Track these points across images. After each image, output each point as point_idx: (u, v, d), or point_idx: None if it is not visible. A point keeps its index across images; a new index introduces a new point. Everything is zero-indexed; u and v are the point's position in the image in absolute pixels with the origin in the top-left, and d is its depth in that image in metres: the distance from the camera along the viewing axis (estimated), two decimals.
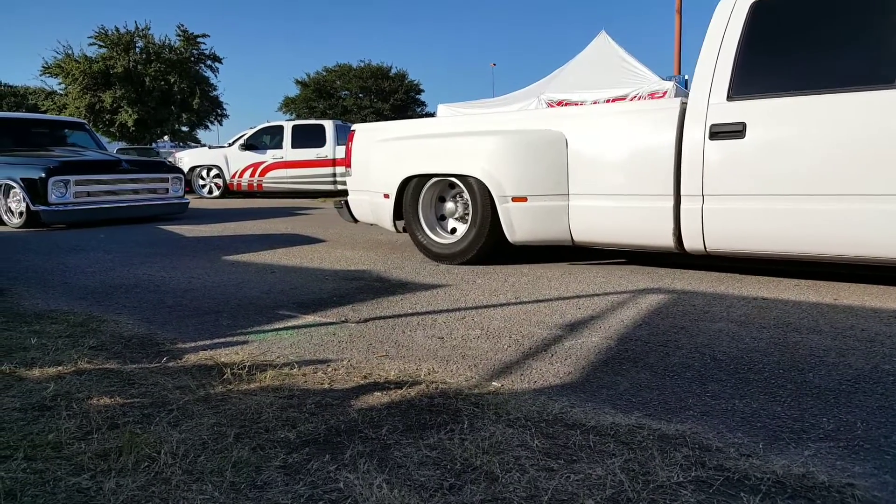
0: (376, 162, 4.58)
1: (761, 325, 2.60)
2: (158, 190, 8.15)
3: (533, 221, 3.84)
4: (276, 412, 1.76)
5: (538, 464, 1.45)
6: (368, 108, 36.04)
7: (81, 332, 2.63)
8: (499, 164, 3.86)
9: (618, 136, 3.61)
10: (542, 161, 3.77)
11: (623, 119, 3.64)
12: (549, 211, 3.80)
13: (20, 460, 1.48)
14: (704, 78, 3.32)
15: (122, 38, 27.04)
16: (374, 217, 4.77)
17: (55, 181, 7.03)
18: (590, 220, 3.72)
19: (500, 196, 3.86)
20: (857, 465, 1.43)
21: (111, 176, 7.66)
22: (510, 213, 3.86)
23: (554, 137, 3.77)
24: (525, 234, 3.89)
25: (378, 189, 4.57)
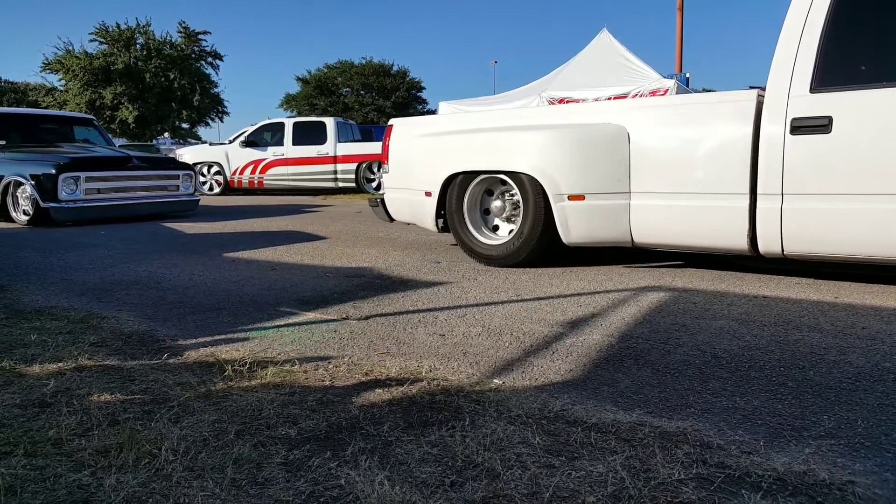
0: (417, 158, 4.38)
1: (762, 323, 2.60)
2: (169, 187, 8.06)
3: (590, 221, 3.61)
4: (278, 409, 1.76)
5: (539, 461, 1.45)
6: (370, 106, 36.02)
7: (82, 328, 2.63)
8: (554, 160, 3.64)
9: (686, 130, 3.39)
10: (602, 157, 3.55)
11: (692, 112, 3.43)
12: (608, 210, 3.57)
13: (20, 457, 1.48)
14: (783, 68, 3.09)
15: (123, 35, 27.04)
16: (412, 216, 4.56)
17: (65, 178, 6.93)
18: (653, 220, 3.49)
19: (555, 194, 3.63)
20: (858, 463, 1.43)
21: (122, 173, 7.57)
22: (566, 213, 3.63)
23: (614, 131, 3.54)
24: (581, 235, 3.67)
25: (419, 187, 4.35)
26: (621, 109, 3.69)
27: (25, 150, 7.64)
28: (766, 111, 3.14)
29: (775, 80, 3.13)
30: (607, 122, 3.61)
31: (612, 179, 3.54)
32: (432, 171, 4.21)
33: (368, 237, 5.67)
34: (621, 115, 3.60)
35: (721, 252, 3.47)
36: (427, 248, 4.92)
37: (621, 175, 3.52)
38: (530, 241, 3.81)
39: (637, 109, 3.64)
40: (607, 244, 3.70)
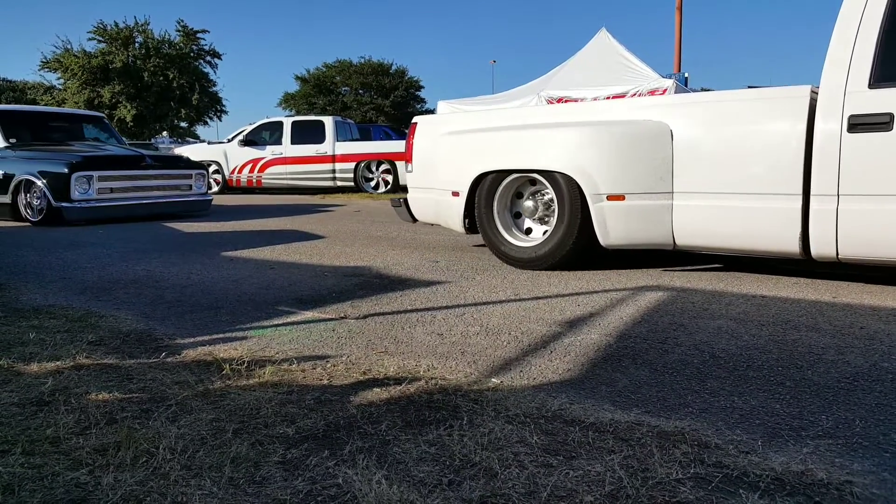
0: (444, 157, 4.23)
1: (760, 323, 2.60)
2: (181, 187, 7.96)
3: (630, 222, 3.46)
4: (275, 408, 1.76)
5: (537, 460, 1.45)
6: (368, 105, 35.97)
7: (80, 327, 2.63)
8: (593, 158, 3.50)
9: (733, 128, 3.25)
10: (644, 155, 3.40)
11: (740, 108, 3.29)
12: (649, 211, 3.42)
13: (18, 455, 1.47)
14: (839, 63, 2.97)
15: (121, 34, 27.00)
16: (438, 217, 4.44)
17: (78, 177, 6.81)
18: (697, 221, 3.35)
19: (593, 194, 3.49)
20: (856, 463, 1.43)
21: (135, 172, 7.47)
22: (604, 213, 3.49)
23: (657, 129, 3.39)
24: (620, 237, 3.52)
25: (445, 186, 4.22)
26: (664, 106, 3.54)
27: (36, 149, 7.51)
28: (820, 108, 3.01)
29: (830, 75, 3.00)
30: (648, 119, 3.46)
31: (655, 179, 3.39)
32: (460, 171, 4.08)
33: (367, 236, 5.67)
34: (664, 111, 3.45)
35: (769, 255, 3.35)
36: (425, 248, 4.92)
37: (664, 174, 3.38)
38: (565, 243, 3.68)
39: (681, 106, 3.49)
40: (647, 246, 3.57)
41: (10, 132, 7.65)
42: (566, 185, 3.61)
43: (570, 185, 3.59)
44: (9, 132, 7.64)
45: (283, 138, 12.48)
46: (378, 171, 12.39)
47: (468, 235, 4.29)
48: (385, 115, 35.45)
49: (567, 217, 3.63)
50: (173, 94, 27.91)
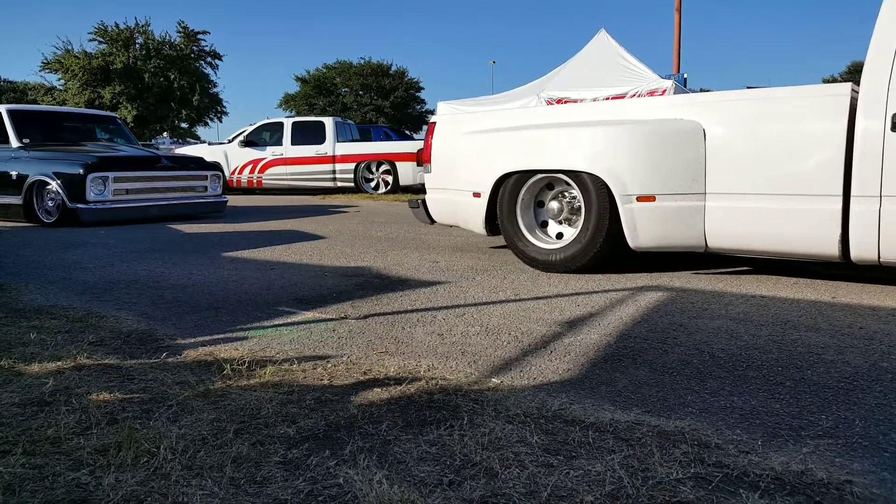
0: (465, 157, 4.14)
1: (760, 323, 2.60)
2: (197, 188, 7.83)
3: (661, 224, 3.37)
4: (276, 408, 1.76)
5: (537, 460, 1.45)
6: (368, 106, 35.98)
7: (81, 327, 2.63)
8: (623, 158, 3.41)
9: (769, 127, 3.14)
10: (675, 155, 3.31)
11: (777, 107, 3.19)
12: (680, 212, 3.33)
13: (19, 455, 1.48)
14: (882, 59, 2.89)
15: (122, 34, 27.00)
16: (456, 218, 4.35)
17: (94, 178, 6.70)
18: (730, 223, 3.25)
19: (622, 195, 3.40)
20: (856, 462, 1.43)
21: (150, 173, 7.36)
22: (634, 215, 3.40)
23: (689, 128, 3.29)
24: (650, 239, 3.43)
25: (466, 187, 4.13)
26: (696, 104, 3.44)
27: (50, 149, 7.38)
28: (861, 106, 2.92)
29: (872, 72, 2.91)
30: (679, 118, 3.37)
31: (687, 179, 3.29)
32: (482, 171, 3.99)
33: (367, 237, 5.67)
34: (695, 110, 3.35)
35: (806, 258, 3.25)
36: (426, 249, 4.92)
37: (696, 175, 3.28)
38: (593, 245, 3.58)
39: (714, 104, 3.38)
40: (678, 249, 3.48)
41: (22, 132, 7.53)
42: (594, 185, 3.53)
43: (599, 185, 3.51)
44: (21, 132, 7.52)
45: (283, 139, 12.49)
46: (378, 172, 12.40)
47: (488, 237, 4.21)
48: (385, 116, 35.45)
49: (595, 219, 3.55)
50: (174, 95, 27.92)
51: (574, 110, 4.07)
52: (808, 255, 3.19)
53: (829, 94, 3.04)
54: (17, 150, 7.30)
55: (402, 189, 12.22)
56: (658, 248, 3.49)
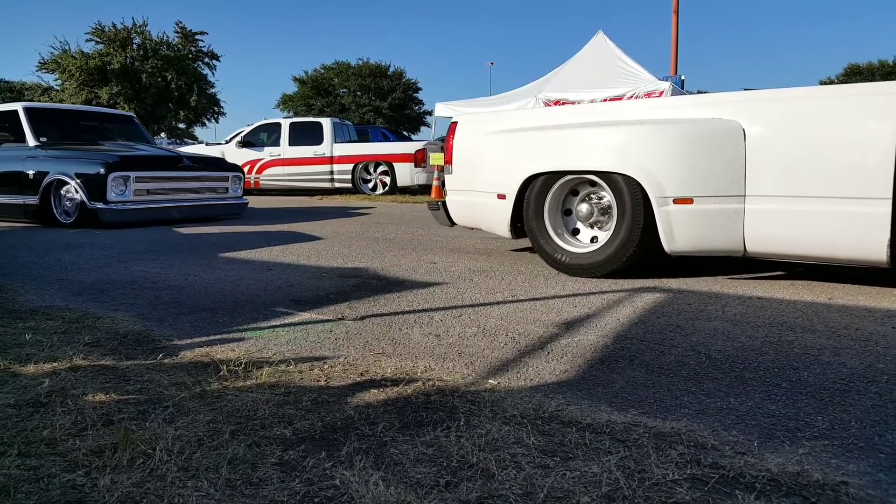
0: (488, 158, 4.04)
1: (756, 324, 2.61)
2: (218, 189, 7.64)
3: (698, 227, 3.25)
4: (273, 409, 1.76)
5: (534, 461, 1.45)
6: (366, 107, 35.98)
7: (77, 328, 2.63)
8: (659, 159, 3.29)
9: (814, 127, 3.03)
10: (714, 156, 3.19)
11: (822, 106, 3.07)
12: (719, 215, 3.21)
13: (14, 456, 1.47)
14: None
15: (120, 35, 26.95)
16: (479, 221, 4.26)
17: (115, 177, 6.50)
18: (771, 227, 3.13)
19: (658, 197, 3.29)
20: (852, 464, 1.43)
21: (172, 173, 7.16)
22: (670, 218, 3.29)
23: (728, 128, 3.18)
24: (687, 244, 3.31)
25: (490, 189, 4.03)
26: (735, 103, 3.30)
27: (68, 148, 7.18)
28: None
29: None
30: (719, 118, 3.25)
31: (725, 181, 3.18)
32: (508, 172, 3.88)
33: (365, 237, 5.67)
34: (734, 109, 3.23)
35: (851, 264, 3.13)
36: (423, 250, 4.92)
37: (735, 176, 3.16)
38: (626, 249, 3.46)
39: (754, 103, 3.25)
40: (715, 253, 3.37)
41: (39, 131, 7.31)
42: (628, 187, 3.42)
43: (633, 187, 3.40)
44: (38, 131, 7.30)
45: (281, 140, 12.49)
46: (376, 173, 12.40)
47: (513, 239, 4.10)
48: (383, 117, 35.45)
49: (628, 221, 3.43)
50: (171, 96, 27.88)
51: (605, 109, 3.91)
52: (853, 260, 3.06)
53: (878, 93, 2.93)
54: (33, 148, 7.13)
55: (399, 190, 12.23)
56: (695, 252, 3.37)
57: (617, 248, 3.49)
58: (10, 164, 7.11)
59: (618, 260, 3.50)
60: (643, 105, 3.68)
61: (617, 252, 3.50)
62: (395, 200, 11.04)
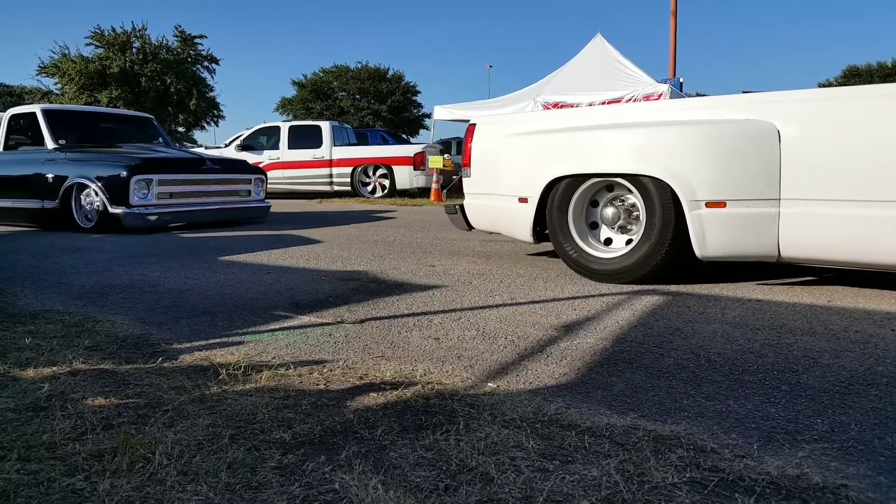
0: (509, 160, 3.95)
1: (755, 327, 2.61)
2: (241, 192, 7.47)
3: (731, 232, 3.16)
4: (272, 413, 1.76)
5: (534, 465, 1.45)
6: (365, 110, 36.01)
7: (76, 332, 2.62)
8: (691, 161, 3.20)
9: (851, 128, 2.94)
10: (747, 158, 3.10)
11: (860, 106, 2.97)
12: (753, 219, 3.11)
13: (14, 461, 1.47)
14: None
15: (119, 39, 26.99)
16: (499, 225, 4.18)
17: (138, 180, 6.32)
18: (808, 231, 3.03)
19: (689, 200, 3.20)
20: (851, 467, 1.43)
21: (195, 176, 6.96)
22: (702, 222, 3.20)
23: (762, 129, 3.08)
24: (719, 248, 3.22)
25: (511, 192, 3.95)
26: (769, 103, 3.19)
27: (88, 151, 7.00)
28: None
29: None
30: (752, 119, 3.15)
31: (760, 184, 3.08)
32: (530, 175, 3.80)
33: (363, 241, 5.67)
34: (768, 109, 3.13)
35: (892, 269, 3.05)
36: (422, 252, 4.92)
37: (770, 179, 3.06)
38: (655, 254, 3.37)
39: (789, 103, 3.14)
40: (748, 259, 3.27)
41: (58, 133, 7.14)
42: (657, 190, 3.33)
43: (663, 190, 3.31)
44: (57, 133, 7.13)
45: (280, 143, 12.50)
46: (375, 176, 12.41)
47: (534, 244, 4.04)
48: (382, 120, 35.48)
49: (658, 226, 3.34)
50: (171, 99, 27.90)
51: (632, 110, 3.82)
52: (894, 266, 2.97)
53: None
54: (52, 151, 6.96)
55: (398, 193, 12.23)
56: (727, 257, 3.27)
57: (646, 253, 3.40)
58: (28, 168, 6.96)
59: (647, 265, 3.41)
60: (673, 106, 3.57)
61: (646, 257, 3.40)
62: (394, 203, 11.05)
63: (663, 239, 3.34)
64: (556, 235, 3.79)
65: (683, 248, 3.32)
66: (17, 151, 7.30)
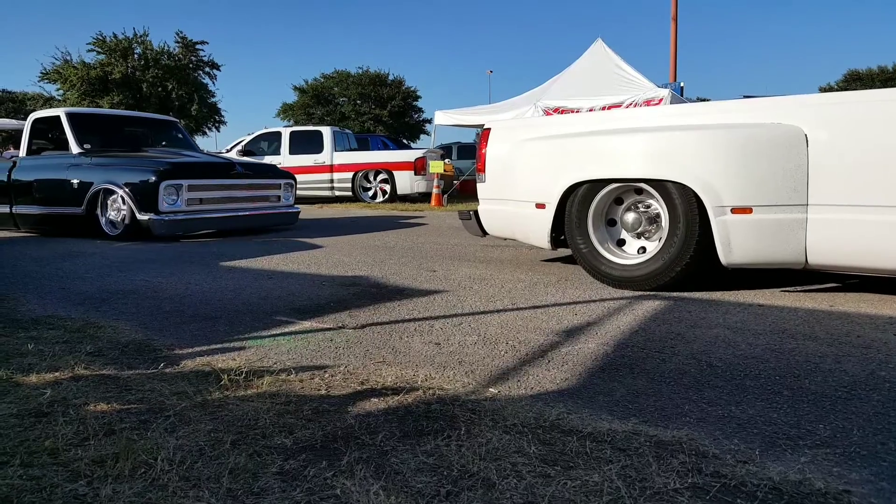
0: (525, 166, 3.91)
1: (757, 332, 2.61)
2: (270, 198, 7.19)
3: (758, 238, 3.09)
4: (273, 418, 1.76)
5: (535, 470, 1.45)
6: (366, 115, 36.09)
7: (79, 337, 2.63)
8: (716, 166, 3.14)
9: (880, 132, 2.87)
10: (774, 163, 3.02)
11: (890, 108, 2.88)
12: (779, 225, 3.04)
13: (17, 466, 1.47)
14: None
15: (121, 45, 27.09)
16: (515, 231, 4.13)
17: (167, 186, 6.07)
18: (836, 238, 2.97)
19: (715, 206, 3.14)
20: (854, 472, 1.43)
21: (225, 181, 6.68)
22: (728, 228, 3.13)
23: (789, 133, 3.02)
24: (745, 255, 3.15)
25: (527, 198, 3.90)
26: (796, 106, 3.11)
27: (115, 155, 6.73)
28: None
29: None
30: (777, 122, 3.08)
31: (787, 189, 3.01)
32: (547, 180, 3.74)
33: (364, 246, 5.67)
34: (795, 113, 3.06)
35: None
36: (422, 258, 4.92)
37: (797, 184, 3.00)
38: (679, 261, 3.30)
39: (817, 107, 3.07)
40: (774, 265, 3.19)
41: (82, 137, 6.88)
42: (680, 196, 3.27)
43: (686, 196, 3.24)
44: (81, 137, 6.87)
45: (281, 148, 12.53)
46: (376, 181, 12.43)
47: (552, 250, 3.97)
48: (383, 125, 35.55)
49: (682, 232, 3.28)
50: (172, 105, 27.98)
51: (654, 113, 3.75)
52: None
53: None
54: (77, 156, 6.71)
55: (399, 198, 12.25)
56: (753, 264, 3.20)
57: (669, 260, 3.34)
58: (52, 173, 6.75)
59: (670, 272, 3.35)
60: (696, 109, 3.50)
61: (669, 264, 3.34)
62: (395, 208, 11.05)
63: (687, 245, 3.28)
64: (575, 242, 3.73)
65: (707, 254, 3.26)
66: (41, 157, 7.09)
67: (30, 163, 7.09)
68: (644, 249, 3.61)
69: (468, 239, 6.12)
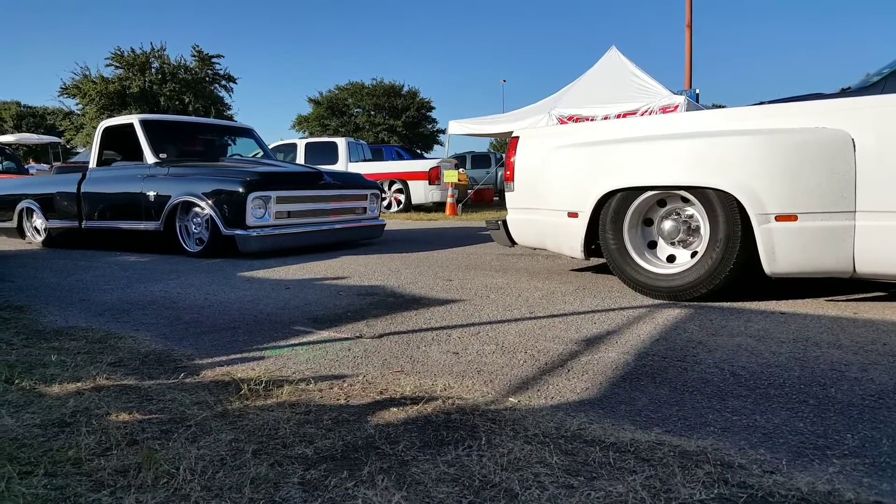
0: (557, 174, 3.82)
1: (780, 340, 2.57)
2: (357, 210, 6.61)
3: (803, 247, 2.99)
4: (294, 428, 1.76)
5: (558, 481, 1.44)
6: (381, 126, 36.31)
7: (100, 348, 2.65)
8: (759, 172, 3.03)
9: None
10: (820, 168, 2.92)
11: None
12: (826, 233, 2.94)
13: (41, 476, 1.48)
14: None
15: (138, 59, 27.55)
16: (546, 241, 4.05)
17: (255, 198, 5.50)
18: (886, 245, 2.86)
19: (758, 214, 3.03)
20: (885, 483, 1.40)
21: (313, 192, 6.10)
22: (772, 236, 3.03)
23: (835, 138, 2.92)
24: (790, 264, 3.04)
25: (559, 206, 3.82)
26: (841, 110, 3.00)
27: (194, 165, 6.21)
28: None
29: None
30: (822, 127, 2.98)
31: (833, 195, 2.91)
32: (580, 188, 3.65)
33: (380, 255, 5.68)
34: (841, 117, 2.95)
35: None
36: (438, 267, 4.92)
37: (845, 190, 2.89)
38: (721, 270, 3.20)
39: (865, 110, 2.93)
40: (820, 274, 3.09)
41: (157, 146, 6.39)
42: (721, 203, 3.17)
43: (728, 203, 3.15)
44: (156, 146, 6.38)
45: (296, 159, 12.62)
46: (391, 191, 12.48)
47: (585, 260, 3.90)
48: (398, 136, 35.74)
49: (723, 240, 3.18)
50: None
51: (691, 119, 3.63)
52: None
53: None
54: (153, 166, 6.21)
55: (414, 208, 12.28)
56: (798, 273, 3.08)
57: (711, 269, 3.24)
58: (126, 185, 6.26)
59: (712, 281, 3.25)
60: (735, 114, 3.38)
61: (711, 273, 3.24)
62: (409, 218, 11.08)
63: (729, 254, 3.18)
64: (610, 251, 3.63)
65: (750, 263, 3.17)
66: (112, 167, 6.64)
67: (100, 174, 6.63)
68: (684, 258, 3.51)
69: (484, 248, 6.12)
